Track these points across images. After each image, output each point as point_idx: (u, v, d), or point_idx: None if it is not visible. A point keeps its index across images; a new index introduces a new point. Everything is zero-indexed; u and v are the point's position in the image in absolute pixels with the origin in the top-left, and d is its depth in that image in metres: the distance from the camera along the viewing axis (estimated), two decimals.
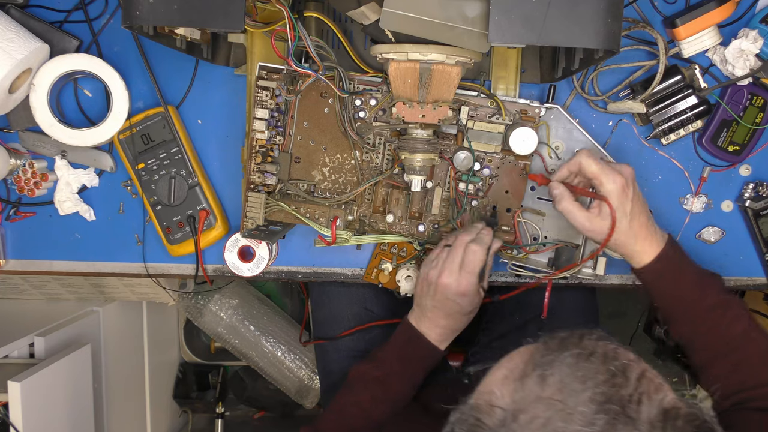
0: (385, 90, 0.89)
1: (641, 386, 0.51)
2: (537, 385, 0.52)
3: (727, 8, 0.88)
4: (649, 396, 0.51)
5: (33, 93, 0.91)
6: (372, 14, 0.79)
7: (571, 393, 0.50)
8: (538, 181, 0.88)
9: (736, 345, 0.81)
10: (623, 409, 0.49)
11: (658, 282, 0.83)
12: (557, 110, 0.91)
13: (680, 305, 0.83)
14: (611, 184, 0.79)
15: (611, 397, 0.50)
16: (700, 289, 0.83)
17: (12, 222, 0.99)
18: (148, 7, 0.69)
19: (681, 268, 0.83)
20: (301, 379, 1.60)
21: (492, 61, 0.93)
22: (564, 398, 0.50)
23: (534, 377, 0.53)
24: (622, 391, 0.50)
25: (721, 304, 0.82)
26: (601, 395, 0.50)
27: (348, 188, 0.92)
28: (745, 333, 0.82)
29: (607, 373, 0.51)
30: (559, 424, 0.49)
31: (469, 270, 0.84)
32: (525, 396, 0.52)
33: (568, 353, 0.53)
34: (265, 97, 0.88)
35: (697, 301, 0.82)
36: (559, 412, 0.49)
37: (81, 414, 1.17)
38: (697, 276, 0.84)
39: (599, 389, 0.50)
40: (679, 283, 0.83)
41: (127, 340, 1.45)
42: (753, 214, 0.95)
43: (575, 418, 0.49)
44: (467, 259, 0.85)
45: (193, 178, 0.95)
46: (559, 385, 0.51)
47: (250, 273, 0.94)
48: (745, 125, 0.93)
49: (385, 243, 0.97)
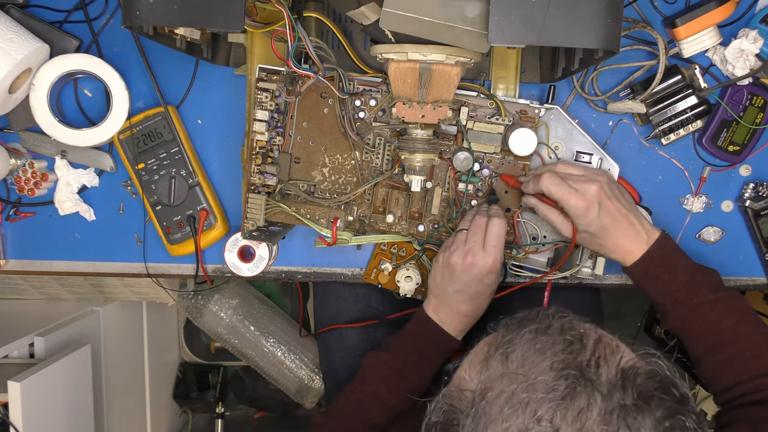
0: (385, 90, 0.89)
1: (598, 350, 0.54)
2: (500, 364, 0.55)
3: (727, 8, 0.88)
4: (606, 358, 0.53)
5: (33, 93, 0.91)
6: (372, 14, 0.79)
7: (532, 365, 0.53)
8: (511, 183, 0.90)
9: (726, 340, 0.82)
10: (582, 373, 0.52)
11: (644, 280, 0.85)
12: (557, 110, 0.91)
13: (668, 302, 0.84)
14: (573, 209, 0.82)
15: (570, 364, 0.52)
16: (690, 286, 0.83)
17: (12, 222, 0.99)
18: (148, 7, 0.69)
19: (669, 266, 0.84)
20: (301, 379, 1.60)
21: (492, 61, 0.93)
22: (526, 371, 0.53)
23: (497, 357, 0.56)
24: (580, 357, 0.53)
25: (709, 302, 0.82)
26: (559, 363, 0.52)
27: (348, 189, 0.92)
28: (734, 327, 0.82)
29: (564, 343, 0.54)
30: (522, 395, 0.51)
31: (495, 244, 0.84)
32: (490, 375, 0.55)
33: (526, 330, 0.56)
34: (265, 99, 0.88)
35: (685, 299, 0.83)
36: (522, 384, 0.52)
37: (81, 414, 1.17)
38: (688, 274, 0.84)
39: (557, 357, 0.53)
40: (666, 282, 0.84)
41: (127, 340, 1.45)
42: (753, 214, 0.95)
43: (537, 387, 0.51)
44: (491, 234, 0.85)
45: (193, 178, 0.95)
46: (520, 360, 0.54)
47: (250, 273, 0.94)
48: (745, 125, 0.93)
49: (384, 243, 0.97)
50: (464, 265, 0.85)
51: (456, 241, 0.87)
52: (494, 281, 0.87)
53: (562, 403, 0.50)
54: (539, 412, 0.50)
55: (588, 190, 0.82)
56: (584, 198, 0.81)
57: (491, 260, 0.84)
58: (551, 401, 0.50)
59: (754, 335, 0.82)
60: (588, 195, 0.82)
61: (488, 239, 0.85)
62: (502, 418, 0.51)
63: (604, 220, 0.82)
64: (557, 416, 0.50)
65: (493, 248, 0.84)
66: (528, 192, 0.88)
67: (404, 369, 0.89)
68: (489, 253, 0.84)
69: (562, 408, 0.50)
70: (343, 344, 1.06)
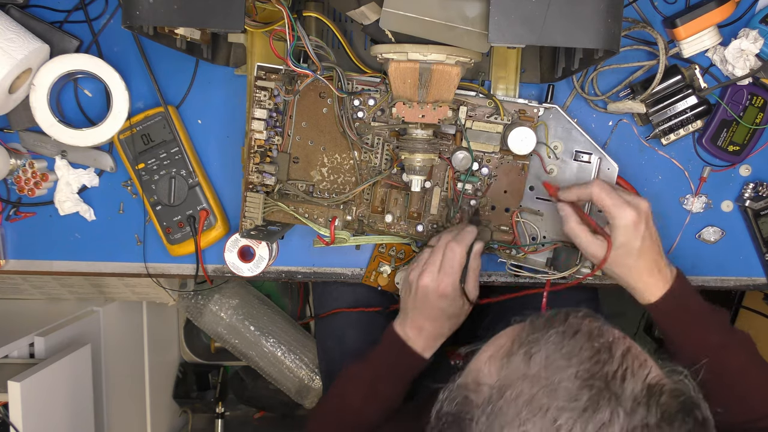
0: (384, 90, 0.89)
1: (625, 363, 0.52)
2: (523, 363, 0.53)
3: (727, 8, 0.88)
4: (633, 372, 0.51)
5: (33, 93, 0.91)
6: (372, 14, 0.79)
7: (556, 369, 0.51)
8: (551, 192, 0.87)
9: (735, 380, 0.81)
10: (607, 385, 0.50)
11: (664, 319, 0.83)
12: (556, 110, 0.91)
13: (683, 340, 0.82)
14: (623, 220, 0.78)
15: (595, 374, 0.50)
16: (705, 327, 0.82)
17: (12, 222, 0.99)
18: (148, 7, 0.69)
19: (688, 306, 0.82)
20: (301, 379, 1.60)
21: (492, 61, 0.93)
22: (549, 375, 0.51)
23: (520, 355, 0.53)
24: (606, 367, 0.51)
25: (723, 342, 0.81)
26: (585, 371, 0.50)
27: (346, 188, 0.92)
28: (743, 367, 0.81)
29: (592, 350, 0.52)
30: (543, 400, 0.49)
31: (447, 270, 0.83)
32: (511, 373, 0.53)
33: (553, 331, 0.54)
34: (264, 98, 0.88)
35: (700, 340, 0.81)
36: (544, 389, 0.50)
37: (81, 414, 1.17)
38: (702, 314, 0.83)
39: (584, 366, 0.51)
40: (684, 322, 0.82)
41: (127, 340, 1.46)
42: (753, 214, 0.95)
43: (559, 394, 0.49)
44: (445, 259, 0.83)
45: (193, 178, 0.95)
46: (544, 362, 0.52)
47: (250, 273, 0.94)
48: (745, 125, 0.93)
49: (383, 245, 0.97)
50: (418, 285, 0.84)
51: (419, 258, 0.86)
52: (449, 305, 0.84)
53: (584, 414, 0.48)
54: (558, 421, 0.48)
55: (640, 205, 0.79)
56: (637, 210, 0.78)
57: (443, 285, 0.82)
58: (572, 411, 0.49)
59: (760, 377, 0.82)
60: (641, 208, 0.79)
61: (443, 263, 0.83)
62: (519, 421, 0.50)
63: (646, 241, 0.79)
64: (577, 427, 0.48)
65: (445, 274, 0.82)
66: (568, 199, 0.83)
67: (375, 380, 0.88)
68: (441, 278, 0.82)
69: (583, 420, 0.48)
70: (342, 345, 1.06)
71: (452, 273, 0.83)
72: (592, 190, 0.79)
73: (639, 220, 0.78)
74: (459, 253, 0.83)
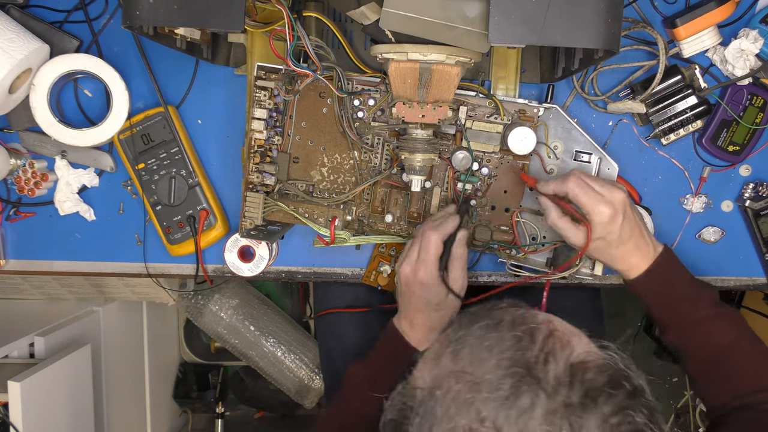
0: (383, 90, 0.89)
1: (547, 346, 0.53)
2: (450, 361, 0.54)
3: (727, 8, 0.88)
4: (555, 354, 0.52)
5: (33, 93, 0.91)
6: (372, 14, 0.79)
7: (479, 363, 0.52)
8: (529, 183, 0.88)
9: (725, 356, 0.81)
10: (529, 371, 0.51)
11: (646, 294, 0.84)
12: (556, 110, 0.91)
13: (668, 317, 0.83)
14: (598, 216, 0.79)
15: (517, 361, 0.51)
16: (691, 302, 0.82)
17: (12, 222, 0.99)
18: (148, 7, 0.69)
19: (672, 281, 0.83)
20: (301, 379, 1.60)
21: (492, 61, 0.93)
22: (473, 369, 0.52)
23: (448, 354, 0.55)
24: (528, 353, 0.52)
25: (710, 317, 0.82)
26: (507, 360, 0.51)
27: (346, 188, 0.93)
28: (734, 342, 0.81)
29: (513, 339, 0.53)
30: (468, 394, 0.50)
31: (423, 258, 0.82)
32: (440, 373, 0.54)
33: (477, 326, 0.55)
34: (264, 97, 0.88)
35: (685, 314, 0.82)
36: (467, 383, 0.51)
37: (81, 414, 1.17)
38: (689, 289, 0.83)
39: (505, 355, 0.52)
40: (668, 297, 0.83)
41: (127, 340, 1.46)
42: (753, 214, 0.95)
43: (482, 387, 0.51)
44: (421, 247, 0.82)
45: (193, 178, 0.95)
46: (469, 357, 0.53)
47: (250, 273, 0.94)
48: (745, 125, 0.93)
49: (383, 245, 0.97)
50: (401, 274, 0.84)
51: (403, 249, 0.86)
52: (433, 295, 0.82)
53: (506, 402, 0.49)
54: (483, 413, 0.49)
55: (614, 198, 0.80)
56: (612, 205, 0.79)
57: (421, 273, 0.82)
58: (495, 401, 0.49)
59: (753, 352, 0.82)
60: (615, 202, 0.80)
61: (420, 252, 0.82)
62: (447, 417, 0.51)
63: (624, 230, 0.80)
64: (500, 417, 0.49)
65: (422, 262, 0.82)
66: (546, 192, 0.85)
67: (375, 379, 0.88)
68: (419, 266, 0.82)
69: (506, 408, 0.49)
70: (342, 344, 1.06)
71: (428, 260, 0.82)
72: (568, 187, 0.80)
73: (615, 214, 0.79)
74: (434, 241, 0.82)
